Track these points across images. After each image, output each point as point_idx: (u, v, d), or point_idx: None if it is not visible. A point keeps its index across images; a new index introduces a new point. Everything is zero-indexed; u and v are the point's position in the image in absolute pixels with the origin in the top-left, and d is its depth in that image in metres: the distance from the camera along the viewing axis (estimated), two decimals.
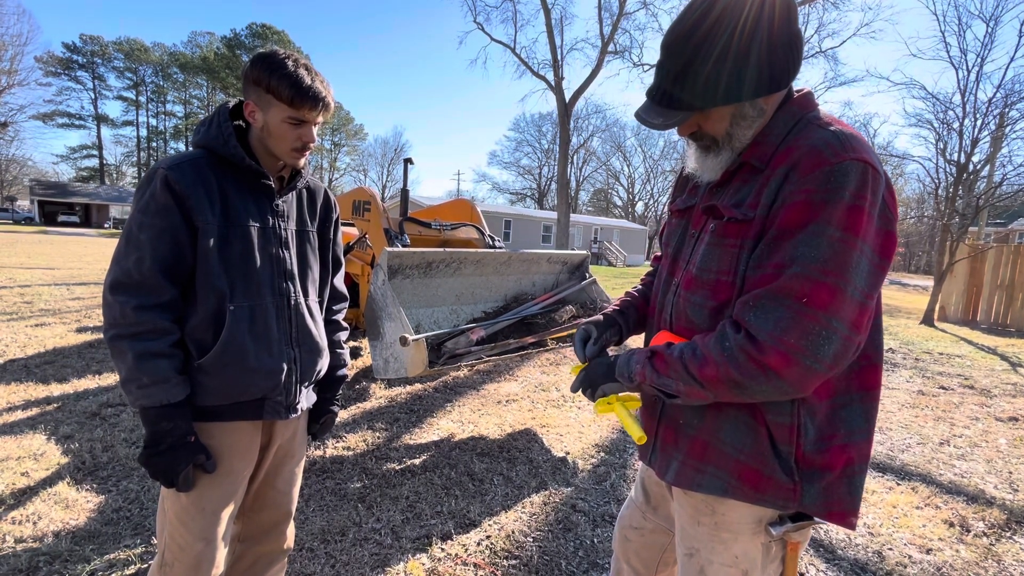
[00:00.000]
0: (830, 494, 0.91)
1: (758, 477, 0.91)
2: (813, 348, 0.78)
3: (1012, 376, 5.83)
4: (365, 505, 2.42)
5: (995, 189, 10.38)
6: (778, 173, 0.85)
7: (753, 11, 0.83)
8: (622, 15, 19.30)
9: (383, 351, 2.90)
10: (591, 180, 60.65)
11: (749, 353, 0.81)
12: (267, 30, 54.03)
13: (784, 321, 0.79)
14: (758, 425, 0.91)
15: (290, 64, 1.14)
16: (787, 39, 0.86)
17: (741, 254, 0.90)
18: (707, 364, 0.85)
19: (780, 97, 0.93)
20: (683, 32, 0.87)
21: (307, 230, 1.36)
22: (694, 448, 0.99)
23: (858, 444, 0.92)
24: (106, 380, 4.02)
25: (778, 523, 0.95)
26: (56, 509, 2.25)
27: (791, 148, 0.86)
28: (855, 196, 0.79)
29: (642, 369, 0.95)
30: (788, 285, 0.80)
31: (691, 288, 0.98)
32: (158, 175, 1.13)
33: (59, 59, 52.06)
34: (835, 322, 0.78)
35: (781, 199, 0.84)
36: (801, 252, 0.80)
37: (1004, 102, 10.35)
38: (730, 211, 0.92)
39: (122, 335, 1.10)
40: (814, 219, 0.79)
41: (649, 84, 0.95)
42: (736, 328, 0.85)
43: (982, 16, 10.26)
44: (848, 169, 0.79)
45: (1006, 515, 2.65)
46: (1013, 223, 29.50)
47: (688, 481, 0.99)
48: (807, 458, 0.90)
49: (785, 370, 0.79)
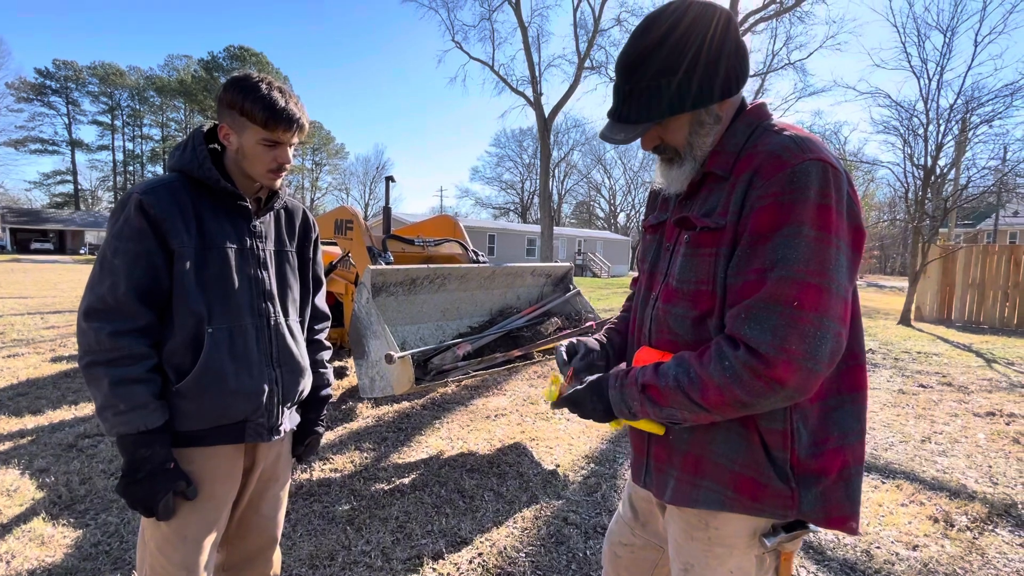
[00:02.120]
0: (828, 499, 0.91)
1: (755, 486, 0.91)
2: (812, 351, 0.79)
3: (987, 372, 5.99)
4: (354, 527, 2.38)
5: (962, 191, 10.76)
6: (742, 179, 0.88)
7: (693, 28, 0.89)
8: (597, 32, 19.76)
9: (369, 369, 2.87)
10: (573, 193, 61.43)
11: (754, 369, 0.80)
12: (245, 52, 53.97)
13: (781, 329, 0.79)
14: (750, 433, 0.91)
15: (263, 87, 1.15)
16: (730, 50, 0.91)
17: (718, 262, 0.91)
18: (708, 389, 0.84)
19: (735, 105, 0.97)
20: (631, 53, 0.93)
21: (286, 250, 1.36)
22: (687, 463, 0.98)
23: (852, 446, 0.92)
24: (83, 410, 3.91)
25: (771, 533, 0.95)
26: (31, 546, 2.17)
27: (751, 155, 0.89)
28: (820, 195, 0.81)
29: (641, 407, 0.93)
30: (776, 290, 0.80)
31: (671, 300, 0.99)
32: (132, 200, 1.12)
33: (31, 85, 51.34)
34: (826, 321, 0.79)
35: (749, 205, 0.86)
36: (782, 255, 0.81)
37: (965, 108, 10.78)
38: (701, 220, 0.93)
39: (97, 362, 1.08)
40: (786, 221, 0.81)
41: (610, 107, 1.01)
42: (734, 344, 0.84)
43: (939, 27, 10.71)
44: (808, 169, 0.82)
45: (987, 508, 2.70)
46: (981, 224, 30.48)
47: (685, 498, 0.98)
48: (802, 463, 0.90)
49: (790, 379, 0.79)
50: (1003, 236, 29.59)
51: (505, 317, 3.74)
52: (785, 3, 16.67)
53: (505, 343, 3.45)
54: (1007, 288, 10.07)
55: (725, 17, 0.91)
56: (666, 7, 0.93)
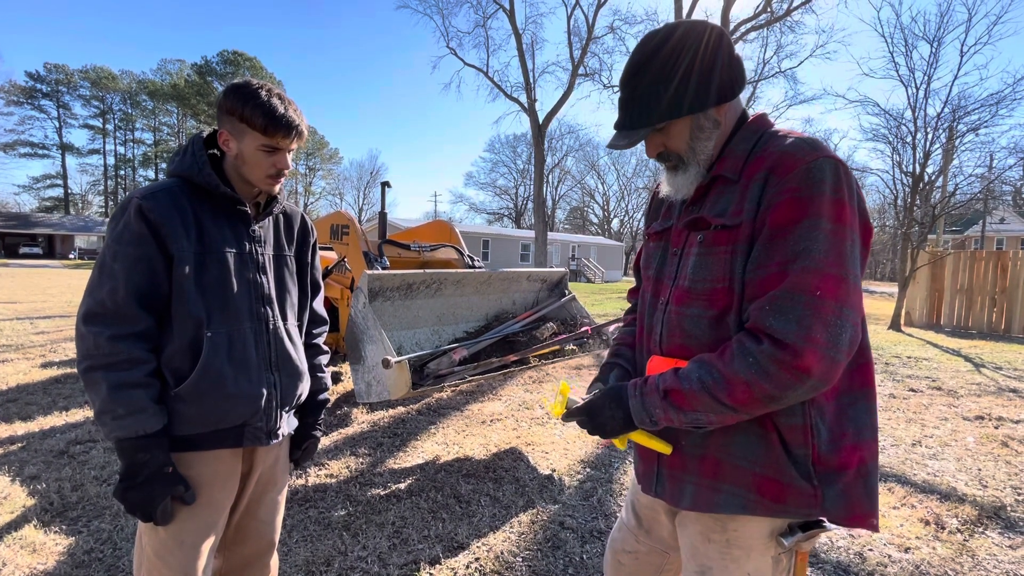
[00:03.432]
0: (850, 496, 0.91)
1: (777, 487, 0.90)
2: (834, 339, 0.80)
3: (976, 376, 6.06)
4: (350, 533, 2.37)
5: (949, 198, 10.89)
6: (756, 179, 0.91)
7: (686, 40, 0.95)
8: (591, 39, 19.94)
9: (365, 375, 2.87)
10: (567, 198, 61.62)
11: (781, 361, 0.80)
12: (239, 57, 53.85)
13: (806, 318, 0.80)
14: (768, 432, 0.91)
15: (263, 94, 1.17)
16: (724, 58, 0.96)
17: (734, 259, 0.92)
18: (735, 387, 0.84)
19: (736, 112, 1.02)
20: (629, 66, 1.00)
21: (284, 254, 1.37)
22: (705, 468, 0.97)
23: (867, 442, 0.93)
24: (73, 417, 3.87)
25: (788, 533, 0.94)
26: (22, 554, 2.14)
27: (761, 157, 0.92)
28: (835, 190, 0.84)
29: (665, 414, 0.92)
30: (799, 280, 0.82)
31: (685, 302, 0.99)
32: (132, 204, 1.13)
33: (22, 88, 50.95)
34: (846, 310, 0.81)
35: (767, 202, 0.88)
36: (803, 247, 0.82)
37: (952, 116, 10.96)
38: (717, 219, 0.95)
39: (96, 366, 1.08)
40: (805, 215, 0.83)
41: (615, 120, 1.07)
42: (756, 339, 0.84)
43: (926, 37, 10.89)
44: (823, 165, 0.85)
45: (977, 511, 2.74)
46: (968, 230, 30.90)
47: (706, 503, 0.97)
48: (823, 459, 0.90)
49: (816, 368, 0.80)
50: (990, 242, 30.05)
51: (501, 322, 3.75)
52: (776, 12, 16.90)
53: (501, 348, 3.46)
54: (994, 293, 10.21)
55: (717, 31, 0.97)
56: (663, 26, 0.99)
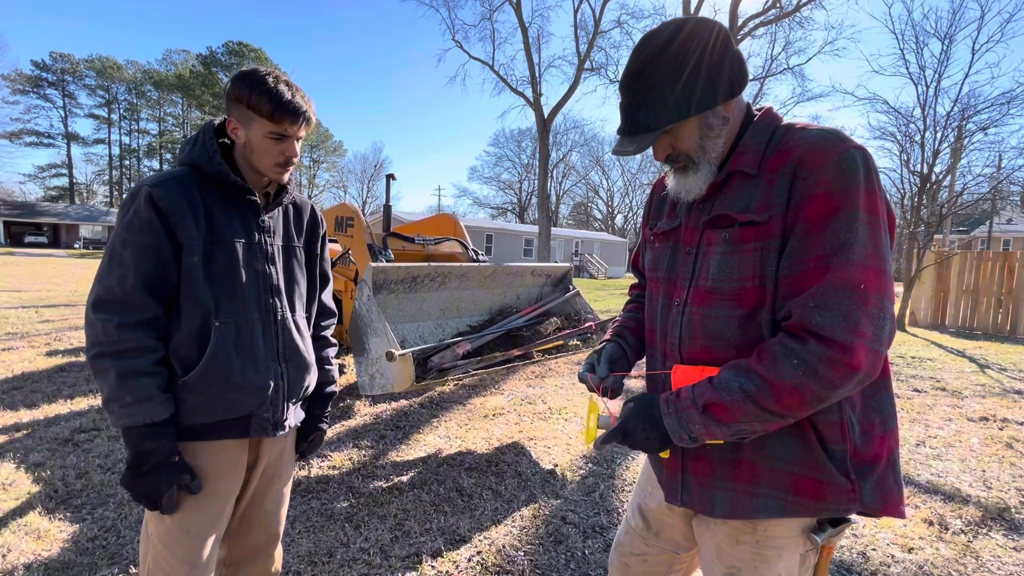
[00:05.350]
0: (883, 486, 0.90)
1: (816, 486, 0.89)
2: (879, 332, 0.79)
3: (981, 377, 6.03)
4: (352, 525, 2.38)
5: (957, 198, 10.81)
6: (782, 173, 0.88)
7: (692, 38, 0.92)
8: (597, 33, 19.80)
9: (369, 367, 2.87)
10: (571, 194, 61.50)
11: (831, 359, 0.78)
12: (244, 47, 53.72)
13: (854, 313, 0.78)
14: (805, 431, 0.89)
15: (270, 80, 1.16)
16: (731, 55, 0.93)
17: (764, 256, 0.89)
18: (783, 392, 0.81)
19: (741, 107, 0.98)
20: (632, 68, 0.96)
21: (294, 245, 1.36)
22: (740, 473, 0.94)
23: (892, 431, 0.93)
24: (79, 404, 3.89)
25: (819, 530, 0.93)
26: (27, 540, 2.15)
27: (784, 151, 0.90)
28: (867, 180, 0.83)
29: (705, 429, 0.88)
30: (842, 274, 0.79)
31: (708, 303, 0.96)
32: (142, 192, 1.12)
33: (27, 77, 50.94)
34: (886, 302, 0.80)
35: (799, 195, 0.85)
36: (843, 240, 0.80)
37: (961, 116, 10.83)
38: (744, 215, 0.92)
39: (104, 353, 1.08)
40: (842, 207, 0.81)
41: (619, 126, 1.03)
42: (799, 339, 0.81)
43: (937, 35, 10.76)
44: (854, 156, 0.83)
45: (981, 512, 2.73)
46: (975, 230, 30.70)
47: (744, 510, 0.94)
48: (859, 453, 0.89)
49: (864, 363, 0.78)
50: (997, 243, 29.83)
51: (505, 316, 3.74)
52: (785, 8, 16.75)
53: (504, 342, 3.45)
54: (1000, 295, 10.14)
55: (720, 27, 0.94)
56: (662, 25, 0.95)
